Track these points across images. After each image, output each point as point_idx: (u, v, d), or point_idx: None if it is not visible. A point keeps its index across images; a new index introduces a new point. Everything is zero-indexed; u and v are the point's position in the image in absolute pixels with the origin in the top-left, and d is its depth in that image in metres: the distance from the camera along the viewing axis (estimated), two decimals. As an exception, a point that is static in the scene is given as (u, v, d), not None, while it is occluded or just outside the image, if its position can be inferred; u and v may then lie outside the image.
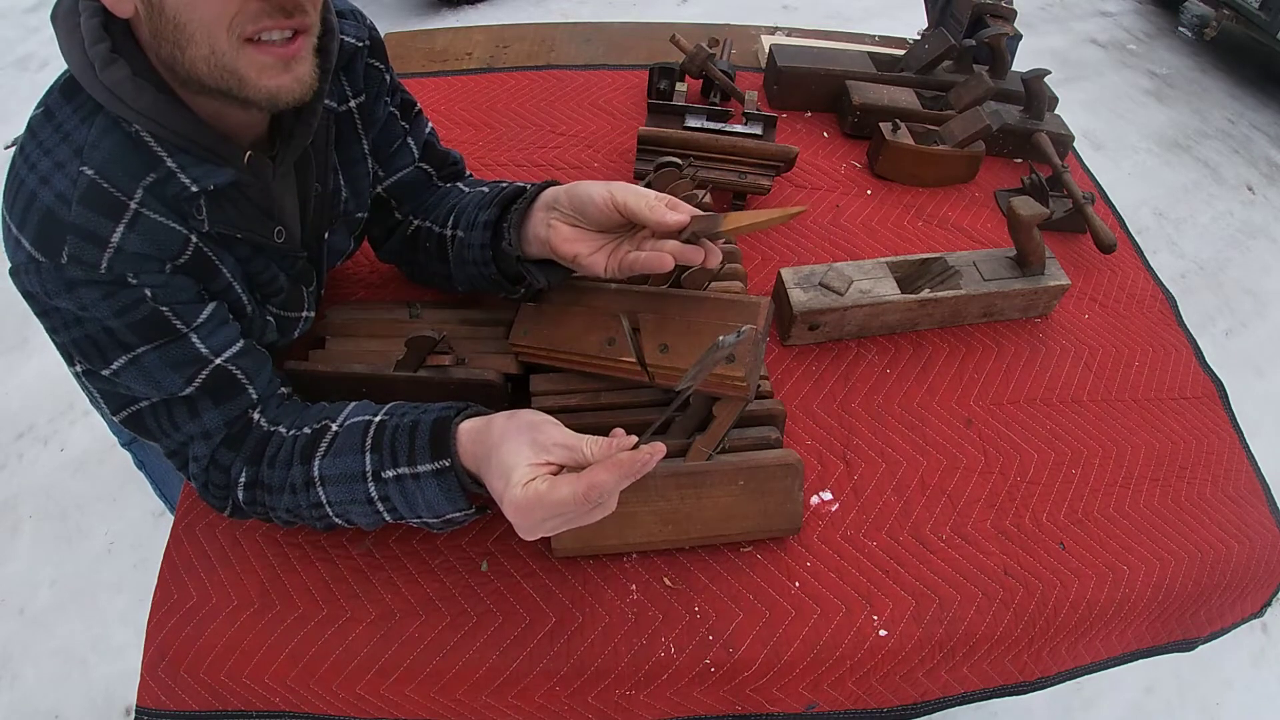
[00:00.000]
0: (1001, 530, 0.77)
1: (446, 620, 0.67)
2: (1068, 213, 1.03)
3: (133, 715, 0.66)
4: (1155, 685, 1.53)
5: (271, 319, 0.68)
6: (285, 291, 0.68)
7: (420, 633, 0.66)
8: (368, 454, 0.58)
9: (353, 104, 0.70)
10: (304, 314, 0.73)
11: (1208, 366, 0.97)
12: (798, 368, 0.88)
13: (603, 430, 0.71)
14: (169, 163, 0.54)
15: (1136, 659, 0.78)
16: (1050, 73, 1.15)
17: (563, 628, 0.67)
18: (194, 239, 0.56)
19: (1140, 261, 1.09)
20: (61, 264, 0.51)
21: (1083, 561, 0.76)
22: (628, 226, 0.63)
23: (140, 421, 0.60)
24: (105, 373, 0.57)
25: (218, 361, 0.59)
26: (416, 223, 0.80)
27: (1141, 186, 2.68)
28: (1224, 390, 0.95)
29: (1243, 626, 0.85)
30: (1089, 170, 1.22)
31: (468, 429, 0.57)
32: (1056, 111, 1.21)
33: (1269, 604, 0.85)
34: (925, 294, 0.89)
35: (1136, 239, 1.13)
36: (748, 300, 0.67)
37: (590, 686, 0.66)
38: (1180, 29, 3.36)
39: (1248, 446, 0.90)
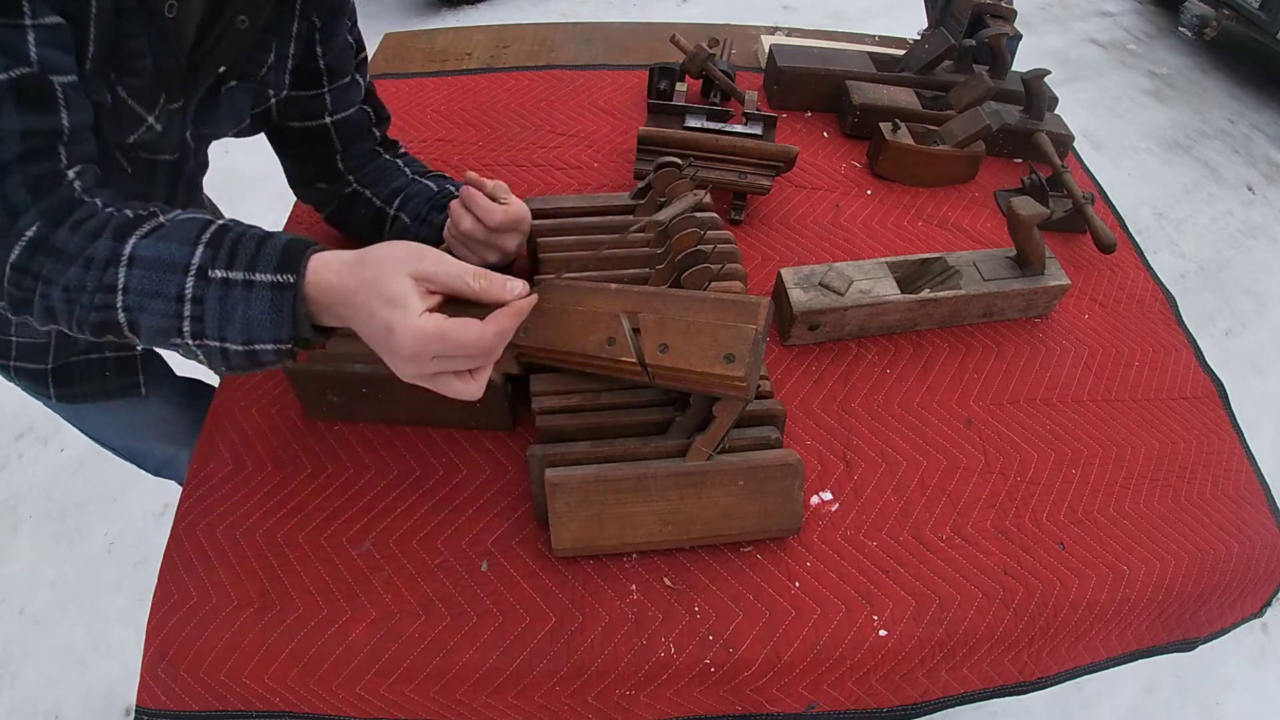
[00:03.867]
0: (1001, 530, 0.77)
1: (446, 620, 0.67)
2: (1068, 213, 1.03)
3: (133, 715, 0.66)
4: (1155, 685, 1.53)
5: (109, 97, 0.58)
6: (143, 80, 0.59)
7: (420, 633, 0.66)
8: (201, 247, 0.51)
9: None
10: (147, 124, 0.63)
11: (1208, 366, 0.97)
12: (798, 368, 0.88)
13: (604, 431, 0.71)
14: None
15: (1136, 659, 0.78)
16: (1050, 73, 1.15)
17: (563, 628, 0.67)
18: None
19: (1140, 261, 1.09)
20: None
21: (1083, 561, 0.76)
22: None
23: None
24: None
25: (39, 72, 0.50)
26: (356, 187, 0.82)
27: (1141, 186, 2.68)
28: (1224, 390, 0.95)
29: (1243, 626, 0.85)
30: (1089, 170, 1.22)
31: (327, 259, 0.52)
32: (1056, 111, 1.21)
33: (1269, 604, 0.85)
34: (925, 294, 0.89)
35: (1136, 239, 1.13)
36: (748, 300, 0.67)
37: (590, 686, 0.66)
38: (1180, 29, 3.36)
39: (1248, 446, 0.90)
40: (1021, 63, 1.27)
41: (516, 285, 0.55)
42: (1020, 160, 1.20)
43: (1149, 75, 3.25)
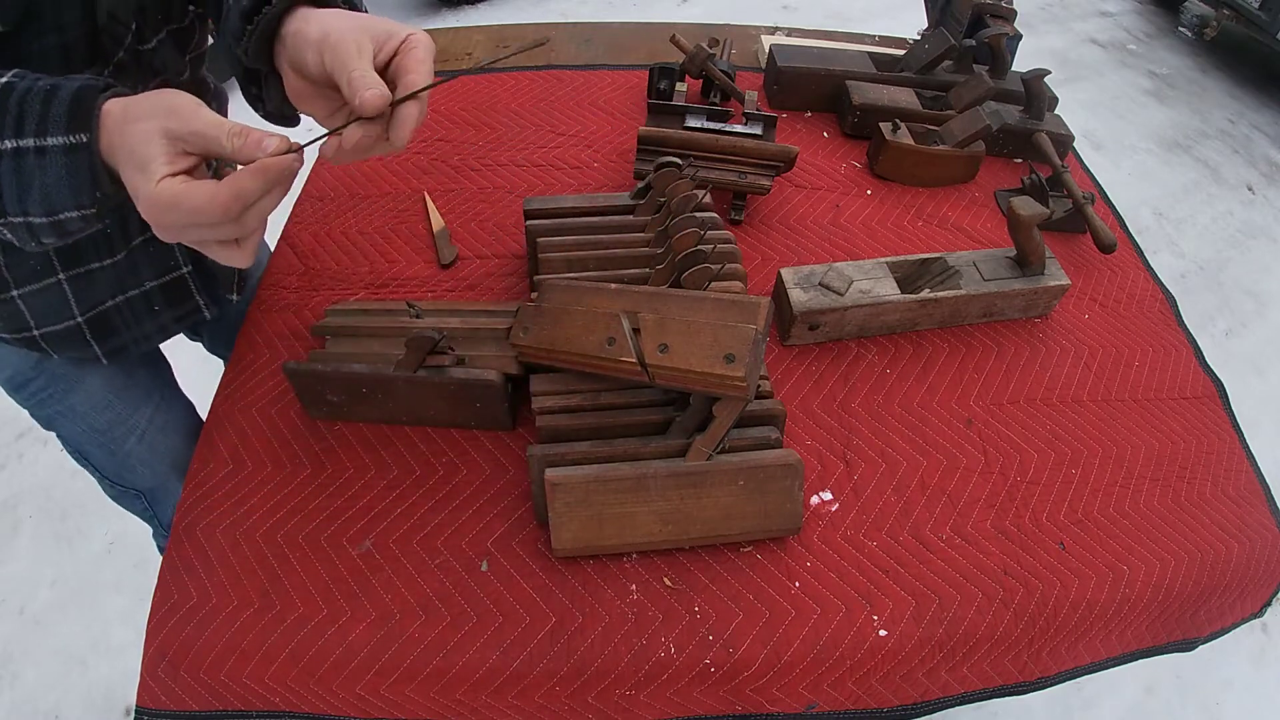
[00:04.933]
0: (1001, 530, 0.77)
1: (446, 620, 0.67)
2: (1068, 213, 1.03)
3: (133, 715, 0.66)
4: (1155, 685, 1.53)
5: None
6: None
7: (420, 633, 0.66)
8: None
9: None
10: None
11: (1208, 366, 0.97)
12: (798, 368, 0.88)
13: (604, 431, 0.71)
14: None
15: (1136, 659, 0.78)
16: (1050, 73, 1.15)
17: (563, 628, 0.67)
18: None
19: (1140, 261, 1.09)
20: None
21: (1083, 561, 0.76)
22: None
23: None
24: None
25: None
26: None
27: (1141, 186, 2.68)
28: (1224, 390, 0.95)
29: (1243, 626, 0.85)
30: (1089, 170, 1.22)
31: (113, 109, 0.47)
32: (1056, 111, 1.21)
33: (1269, 604, 0.85)
34: (925, 294, 0.89)
35: (1136, 239, 1.13)
36: (748, 300, 0.67)
37: (590, 686, 0.66)
38: (1180, 29, 3.36)
39: (1248, 446, 0.90)
40: (1021, 63, 1.26)
41: (272, 142, 0.47)
42: (1020, 160, 1.20)
43: (1149, 75, 3.25)
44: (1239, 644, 1.59)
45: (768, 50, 1.22)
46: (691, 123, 1.04)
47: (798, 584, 0.71)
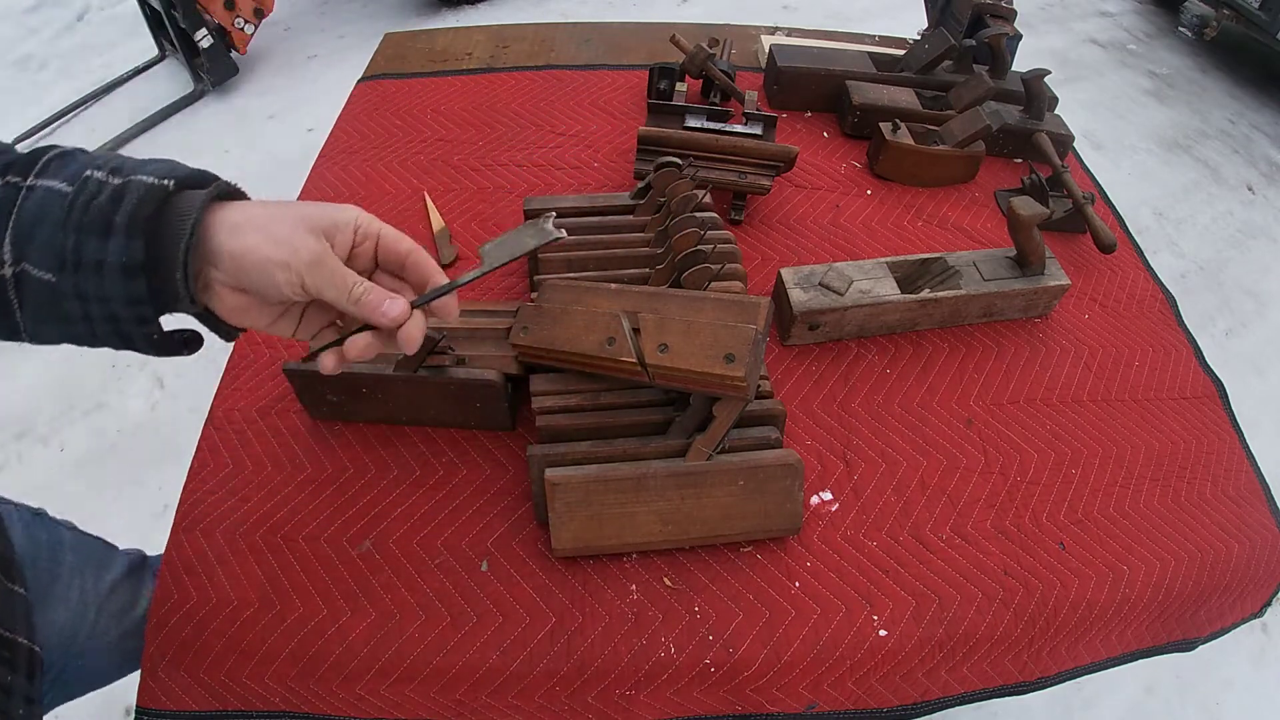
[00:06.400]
0: (1001, 530, 0.77)
1: (446, 620, 0.67)
2: (1068, 213, 1.03)
3: (133, 715, 0.66)
4: (1155, 685, 1.53)
5: None
6: None
7: (420, 633, 0.66)
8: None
9: None
10: None
11: (1208, 366, 0.97)
12: (798, 368, 0.88)
13: (604, 431, 0.71)
14: None
15: (1136, 659, 0.78)
16: (1050, 73, 1.15)
17: (563, 628, 0.67)
18: None
19: (1140, 261, 1.09)
20: None
21: (1083, 561, 0.76)
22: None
23: None
24: None
25: None
26: None
27: (1141, 186, 2.68)
28: (1224, 390, 0.95)
29: (1243, 626, 0.85)
30: (1089, 170, 1.22)
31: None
32: (1056, 111, 1.21)
33: (1269, 604, 0.85)
34: (925, 294, 0.89)
35: (1136, 239, 1.13)
36: (748, 300, 0.67)
37: (590, 686, 0.66)
38: (1180, 29, 3.36)
39: (1248, 446, 0.90)
40: (1021, 63, 1.26)
41: (395, 307, 0.48)
42: (1020, 160, 1.20)
43: (1149, 75, 3.24)
44: (1239, 644, 1.59)
45: (768, 50, 1.22)
46: (691, 123, 1.04)
47: (798, 584, 0.71)
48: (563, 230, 0.49)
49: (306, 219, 0.47)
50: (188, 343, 0.50)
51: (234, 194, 0.48)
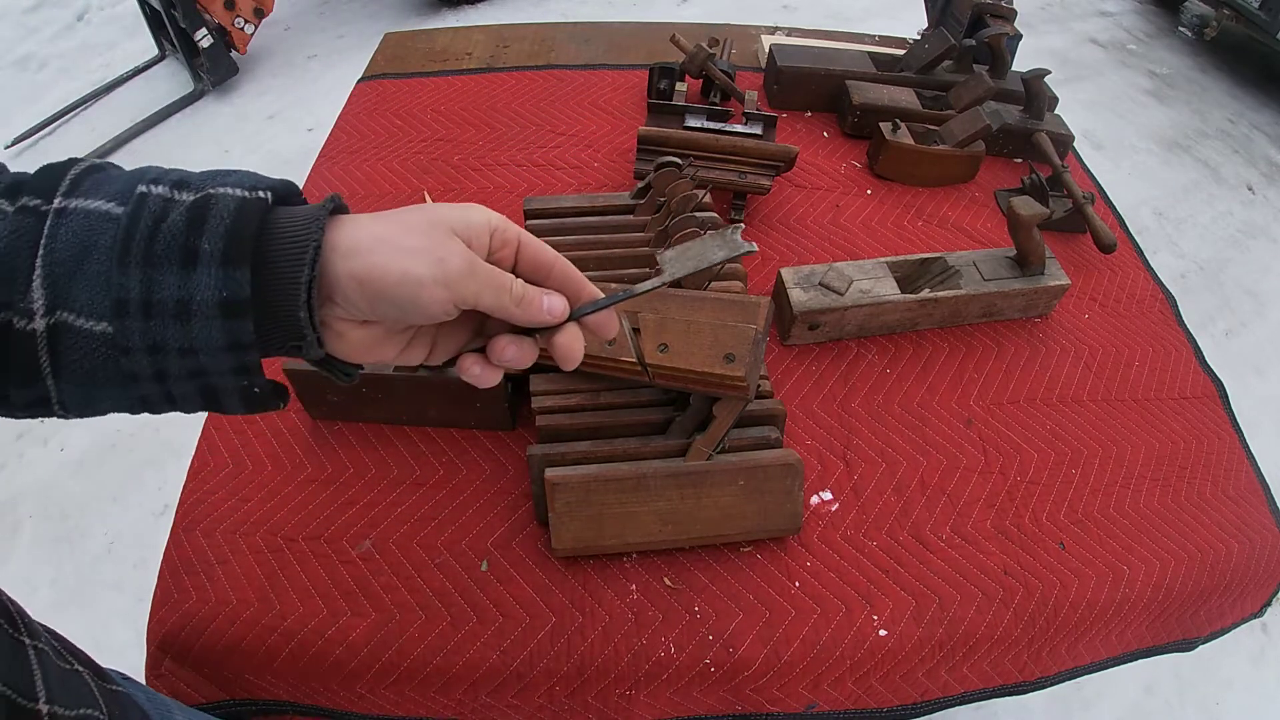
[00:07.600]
0: (1001, 530, 0.77)
1: (446, 620, 0.67)
2: (1068, 213, 1.03)
3: (133, 715, 0.66)
4: (1155, 685, 1.53)
5: None
6: None
7: (420, 633, 0.66)
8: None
9: None
10: None
11: (1208, 366, 0.97)
12: (798, 368, 0.88)
13: (604, 431, 0.71)
14: None
15: (1136, 659, 0.78)
16: (1050, 73, 1.15)
17: (563, 628, 0.67)
18: None
19: (1140, 261, 1.09)
20: None
21: (1083, 561, 0.76)
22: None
23: None
24: None
25: None
26: None
27: (1141, 186, 2.68)
28: (1224, 390, 0.95)
29: (1243, 626, 0.85)
30: (1089, 170, 1.22)
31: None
32: (1056, 111, 1.21)
33: (1269, 604, 0.85)
34: (925, 294, 0.89)
35: (1136, 239, 1.13)
36: (748, 300, 0.67)
37: (590, 686, 0.66)
38: (1180, 29, 3.36)
39: (1248, 446, 0.90)
40: (1021, 63, 1.26)
41: (556, 303, 0.42)
42: (1020, 160, 1.20)
43: (1149, 75, 3.24)
44: (1239, 644, 1.59)
45: (768, 50, 1.22)
46: (691, 122, 1.04)
47: (798, 584, 0.71)
48: (753, 244, 0.44)
49: (442, 222, 0.39)
50: (279, 392, 0.39)
51: (343, 208, 0.40)
